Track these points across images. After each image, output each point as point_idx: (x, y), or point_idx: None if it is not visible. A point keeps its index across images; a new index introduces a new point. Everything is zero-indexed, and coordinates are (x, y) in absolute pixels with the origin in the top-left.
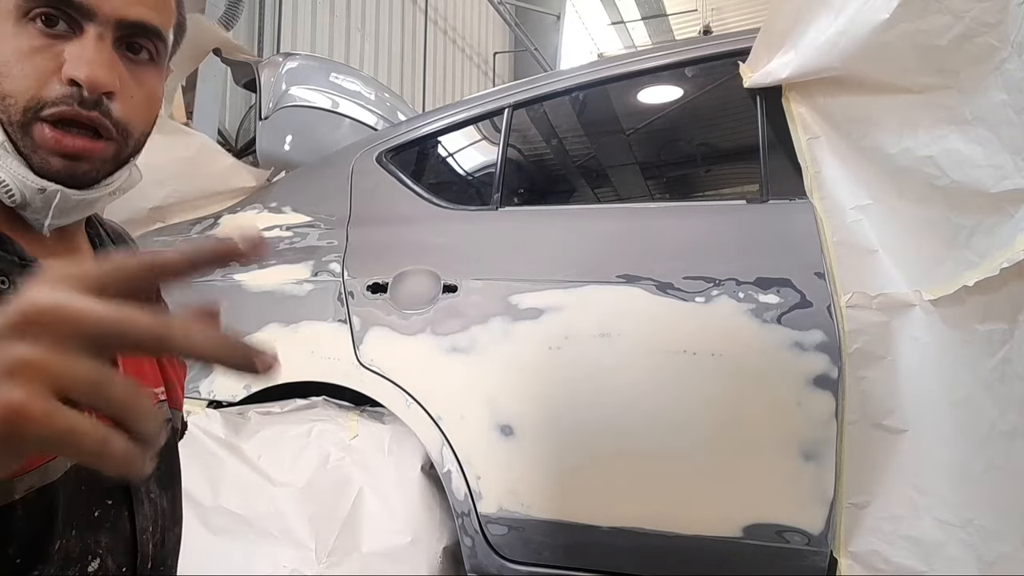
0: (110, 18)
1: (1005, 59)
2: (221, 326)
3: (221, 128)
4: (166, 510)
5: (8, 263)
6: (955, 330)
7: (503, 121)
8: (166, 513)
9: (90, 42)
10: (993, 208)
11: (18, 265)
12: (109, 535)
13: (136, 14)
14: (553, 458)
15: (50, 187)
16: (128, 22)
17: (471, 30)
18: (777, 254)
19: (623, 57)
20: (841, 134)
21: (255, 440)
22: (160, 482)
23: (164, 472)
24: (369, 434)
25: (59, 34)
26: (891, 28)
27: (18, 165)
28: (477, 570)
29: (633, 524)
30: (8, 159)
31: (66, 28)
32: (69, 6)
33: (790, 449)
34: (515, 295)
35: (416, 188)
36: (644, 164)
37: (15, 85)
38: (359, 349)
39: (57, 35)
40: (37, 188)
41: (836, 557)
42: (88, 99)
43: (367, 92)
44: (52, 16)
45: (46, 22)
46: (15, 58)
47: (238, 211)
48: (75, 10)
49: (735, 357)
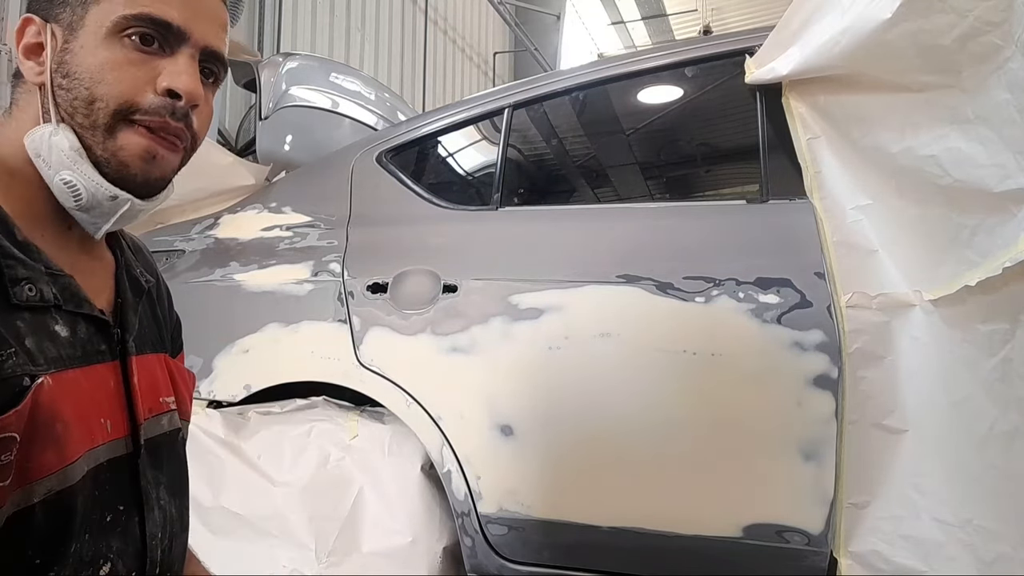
0: (199, 44)
1: (1008, 58)
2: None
3: (221, 128)
4: (175, 517)
5: (35, 271)
6: (956, 330)
7: (503, 121)
8: (175, 520)
9: (185, 61)
10: (995, 208)
11: (44, 274)
12: (120, 540)
13: (216, 44)
14: (553, 458)
15: (122, 195)
16: (210, 49)
17: (471, 30)
18: (777, 254)
19: (623, 57)
20: (842, 133)
21: (255, 440)
22: (170, 489)
23: (173, 480)
24: (369, 434)
25: (153, 52)
26: (894, 27)
27: (92, 171)
28: (477, 570)
29: (633, 524)
30: (83, 164)
31: (158, 48)
32: (167, 30)
33: (790, 449)
34: (515, 295)
35: (416, 188)
36: (644, 164)
37: (107, 91)
38: (359, 349)
39: (151, 53)
40: (109, 195)
41: (836, 557)
42: (179, 110)
43: (367, 92)
44: (148, 36)
45: (142, 40)
46: (109, 67)
47: (238, 211)
48: (172, 33)
49: (735, 357)
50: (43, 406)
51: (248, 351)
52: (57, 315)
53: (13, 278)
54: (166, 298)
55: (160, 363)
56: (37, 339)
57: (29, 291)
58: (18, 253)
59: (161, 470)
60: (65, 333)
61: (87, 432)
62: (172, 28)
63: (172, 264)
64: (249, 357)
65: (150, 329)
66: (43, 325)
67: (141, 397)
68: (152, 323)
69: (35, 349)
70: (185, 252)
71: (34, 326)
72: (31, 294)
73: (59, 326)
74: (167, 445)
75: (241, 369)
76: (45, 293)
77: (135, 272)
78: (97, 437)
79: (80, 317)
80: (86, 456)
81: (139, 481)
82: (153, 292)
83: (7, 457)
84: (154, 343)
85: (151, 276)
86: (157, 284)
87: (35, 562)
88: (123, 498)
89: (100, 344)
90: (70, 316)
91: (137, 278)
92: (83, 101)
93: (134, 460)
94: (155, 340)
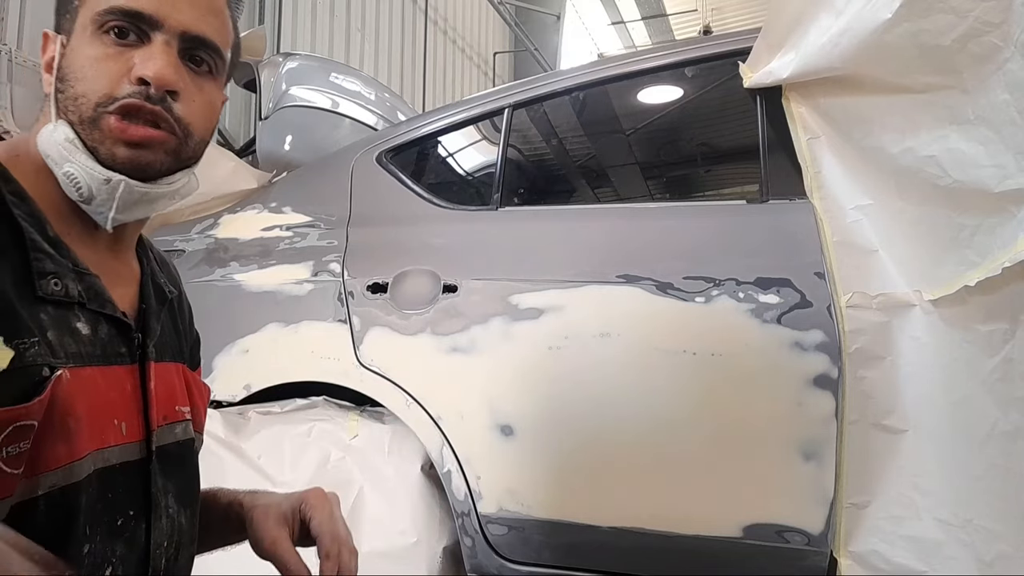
0: (175, 29)
1: (1008, 59)
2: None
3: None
4: (183, 528)
5: (63, 267)
6: (956, 330)
7: (503, 121)
8: (183, 530)
9: (158, 47)
10: (995, 208)
11: (71, 271)
12: (125, 545)
13: (198, 28)
14: (553, 458)
15: (115, 177)
16: (191, 35)
17: (471, 30)
18: (777, 254)
19: (623, 57)
20: (842, 134)
21: (255, 440)
22: (179, 499)
23: (184, 490)
24: (369, 434)
25: (130, 44)
26: (893, 27)
27: (86, 158)
28: (477, 570)
29: (633, 524)
30: (77, 154)
31: (136, 39)
32: (139, 19)
33: (790, 449)
34: (515, 295)
35: (416, 188)
36: (644, 164)
37: (88, 86)
38: (359, 349)
39: (128, 45)
40: (103, 179)
41: (836, 557)
42: (154, 95)
43: (367, 92)
44: (124, 28)
45: (119, 34)
46: (89, 64)
47: (238, 211)
48: (144, 22)
49: (735, 357)
50: (59, 399)
51: (248, 351)
52: (80, 312)
53: (41, 271)
54: (187, 313)
55: (178, 373)
56: (59, 333)
57: (55, 286)
58: (48, 248)
59: (172, 479)
60: (86, 331)
61: (98, 431)
62: (143, 16)
63: None
64: (249, 357)
65: (171, 338)
66: (65, 321)
67: (157, 403)
68: (173, 333)
69: (56, 343)
70: (185, 252)
71: (57, 320)
72: (57, 289)
73: (81, 323)
74: (179, 454)
75: (241, 369)
76: (70, 289)
77: (159, 281)
78: (109, 438)
79: (102, 317)
80: (93, 455)
81: (150, 487)
82: (175, 304)
83: (24, 445)
84: (173, 353)
85: (174, 288)
86: (180, 297)
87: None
88: (134, 503)
89: (120, 346)
90: (92, 315)
91: (161, 287)
92: (71, 98)
93: (146, 466)
94: (175, 350)
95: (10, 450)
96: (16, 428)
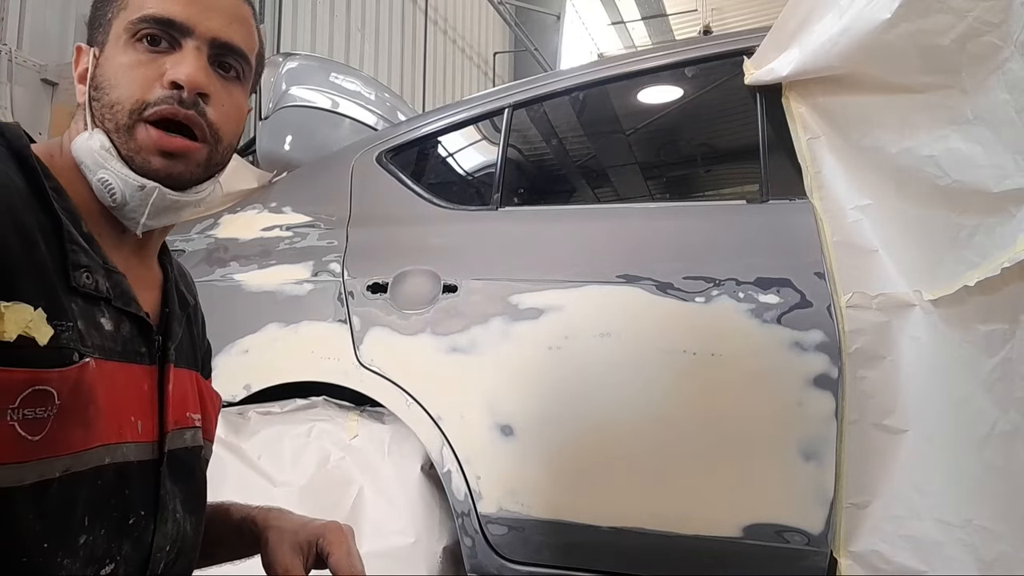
0: (205, 36)
1: (1007, 59)
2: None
3: None
4: (187, 534)
5: (94, 262)
6: (955, 330)
7: (503, 121)
8: (186, 537)
9: (189, 53)
10: (994, 208)
11: (102, 267)
12: (131, 544)
13: (227, 35)
14: (553, 458)
15: (149, 184)
16: (220, 41)
17: (471, 30)
18: (777, 254)
19: (623, 57)
20: (841, 134)
21: (255, 440)
22: (185, 505)
23: (190, 496)
24: (369, 434)
25: (162, 51)
26: (893, 27)
27: (121, 166)
28: (477, 570)
29: (633, 524)
30: (112, 161)
31: (167, 47)
32: (171, 26)
33: (790, 449)
34: (515, 295)
35: (416, 188)
36: (644, 164)
37: (121, 93)
38: (359, 349)
39: (160, 52)
40: (137, 185)
41: (836, 557)
42: (187, 99)
43: (367, 92)
44: (156, 36)
45: (151, 42)
46: (122, 71)
47: (238, 211)
48: (175, 29)
49: (735, 357)
50: (85, 385)
51: (248, 351)
52: (105, 308)
53: (75, 263)
54: (202, 323)
55: (192, 379)
56: (86, 324)
57: (87, 279)
58: (83, 242)
59: (179, 484)
60: (109, 327)
61: (115, 425)
62: (175, 24)
63: None
64: (249, 357)
65: (188, 346)
66: (91, 314)
67: (171, 407)
68: (190, 341)
69: (85, 332)
70: (185, 252)
71: (84, 312)
72: (88, 282)
73: (104, 319)
74: (188, 460)
75: (241, 369)
76: (100, 284)
77: (181, 288)
78: (126, 433)
79: (126, 315)
80: (110, 449)
81: (159, 489)
82: (192, 313)
83: (43, 412)
84: (189, 360)
85: (192, 297)
86: (196, 307)
87: (43, 545)
88: (145, 504)
89: (140, 346)
90: (116, 312)
91: (183, 293)
92: (107, 106)
93: (157, 468)
94: (191, 358)
95: (27, 413)
96: (35, 391)
